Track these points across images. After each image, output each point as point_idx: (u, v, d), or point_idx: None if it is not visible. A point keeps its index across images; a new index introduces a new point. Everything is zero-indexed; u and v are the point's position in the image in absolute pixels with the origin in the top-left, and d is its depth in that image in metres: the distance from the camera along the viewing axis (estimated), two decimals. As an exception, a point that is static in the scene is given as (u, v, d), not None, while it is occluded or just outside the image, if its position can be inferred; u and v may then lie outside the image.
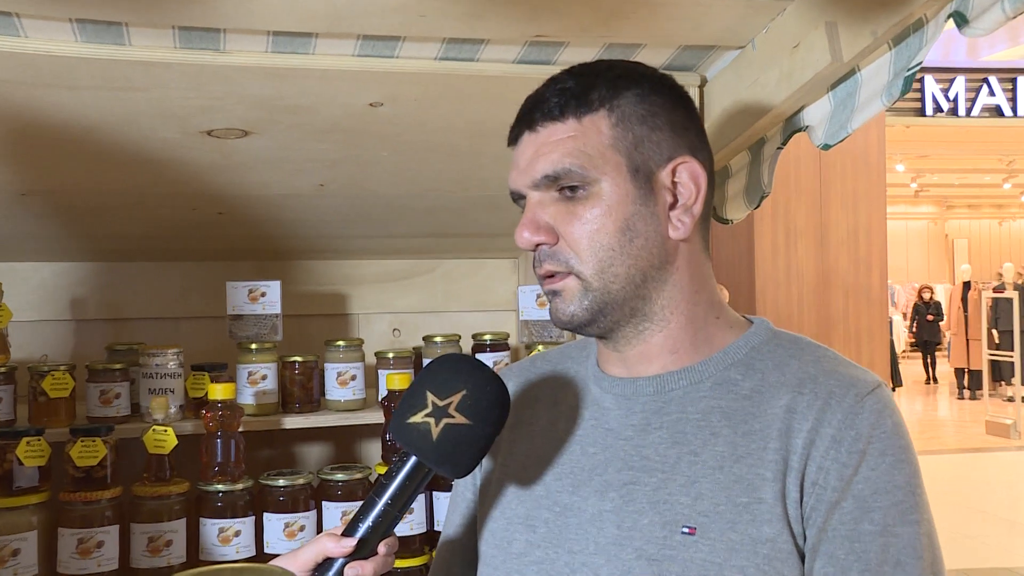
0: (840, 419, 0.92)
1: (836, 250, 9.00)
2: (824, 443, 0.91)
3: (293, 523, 1.74)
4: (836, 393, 0.93)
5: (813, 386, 0.95)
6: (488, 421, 0.96)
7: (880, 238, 9.14)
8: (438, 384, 0.96)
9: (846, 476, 0.90)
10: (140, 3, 1.26)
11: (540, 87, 1.02)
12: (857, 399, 0.93)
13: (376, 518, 0.95)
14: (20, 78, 1.38)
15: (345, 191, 1.92)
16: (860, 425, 0.91)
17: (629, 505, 0.96)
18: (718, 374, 1.00)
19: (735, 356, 1.01)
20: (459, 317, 2.45)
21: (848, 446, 0.91)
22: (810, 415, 0.93)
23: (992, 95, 10.11)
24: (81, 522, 1.64)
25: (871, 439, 0.91)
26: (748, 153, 1.59)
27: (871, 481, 0.90)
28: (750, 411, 0.96)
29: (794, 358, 0.99)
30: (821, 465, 0.91)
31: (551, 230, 0.99)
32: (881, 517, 0.89)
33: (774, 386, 0.97)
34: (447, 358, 1.00)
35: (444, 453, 0.94)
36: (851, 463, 0.90)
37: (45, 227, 1.95)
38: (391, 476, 0.96)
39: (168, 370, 1.87)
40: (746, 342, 1.02)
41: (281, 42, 1.40)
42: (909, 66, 1.19)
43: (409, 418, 0.95)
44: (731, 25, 1.44)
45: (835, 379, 0.95)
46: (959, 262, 18.26)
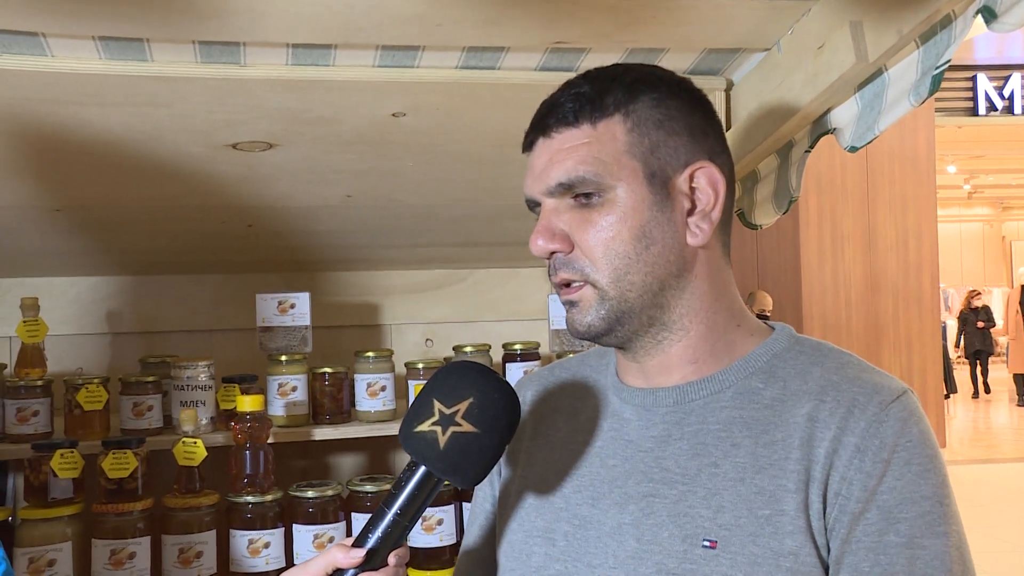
0: (864, 427, 0.89)
1: (884, 255, 8.86)
2: (847, 452, 0.89)
3: (322, 534, 1.74)
4: (859, 401, 0.91)
5: (836, 393, 0.92)
6: (496, 429, 0.95)
7: (931, 241, 8.98)
8: (445, 392, 0.95)
9: (870, 486, 0.87)
10: (159, 19, 1.27)
11: (555, 92, 1.01)
12: (881, 407, 0.90)
13: (386, 528, 0.94)
14: (48, 96, 1.41)
15: (372, 202, 1.92)
16: (884, 434, 0.89)
17: (649, 518, 0.94)
18: (739, 383, 0.97)
19: (756, 364, 0.98)
20: (491, 327, 2.44)
21: (872, 455, 0.88)
22: (832, 423, 0.90)
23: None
24: (114, 533, 1.66)
25: (896, 448, 0.88)
26: (776, 157, 1.56)
27: (896, 491, 0.87)
28: (772, 420, 0.93)
29: (816, 365, 0.97)
30: (844, 475, 0.88)
31: (566, 238, 0.97)
32: (907, 529, 0.86)
33: (796, 394, 0.94)
34: (455, 366, 0.99)
35: (452, 462, 0.93)
36: (875, 472, 0.88)
37: (78, 242, 1.98)
38: (400, 486, 0.95)
39: (199, 382, 1.88)
40: (767, 349, 0.99)
41: (301, 54, 1.40)
42: (937, 64, 1.16)
43: (416, 427, 0.94)
44: (755, 27, 1.41)
45: (858, 386, 0.92)
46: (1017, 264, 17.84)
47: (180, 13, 1.25)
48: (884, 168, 8.28)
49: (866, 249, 8.44)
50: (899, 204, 8.45)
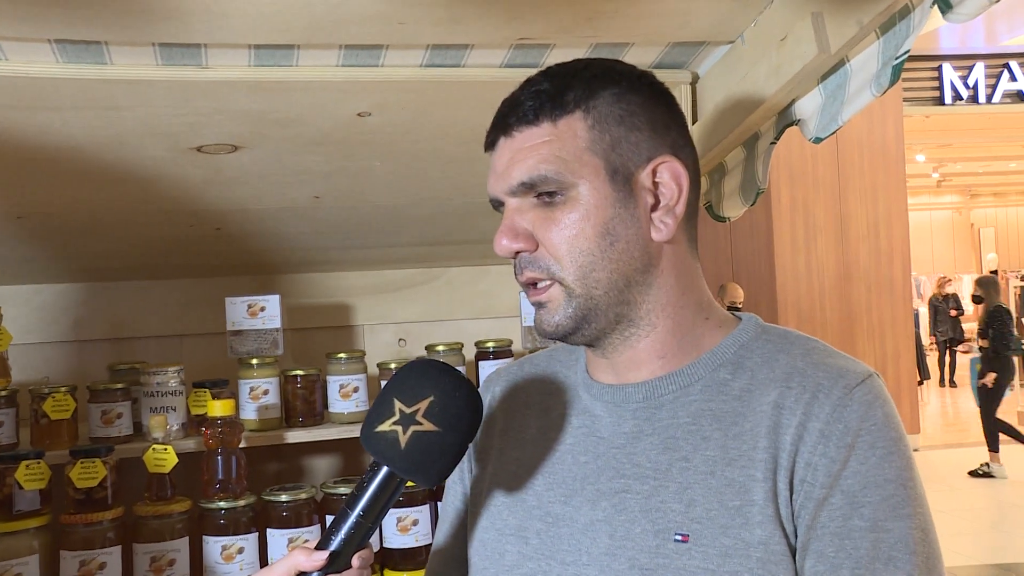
0: (828, 412, 0.89)
1: (856, 244, 8.93)
2: (812, 438, 0.89)
3: (297, 538, 1.73)
4: (824, 385, 0.91)
5: (801, 379, 0.92)
6: (458, 428, 0.94)
7: (902, 230, 9.05)
8: (405, 391, 0.94)
9: (834, 471, 0.87)
10: (117, 21, 1.25)
11: (516, 90, 1.00)
12: (846, 391, 0.90)
13: (349, 530, 0.93)
14: (3, 101, 1.38)
15: (341, 202, 1.91)
16: (848, 418, 0.88)
17: (621, 514, 0.94)
18: (707, 376, 0.97)
19: (724, 356, 0.98)
20: (464, 325, 2.43)
21: (836, 440, 0.88)
22: (798, 410, 0.90)
23: (1014, 80, 9.97)
24: (83, 544, 1.63)
25: (860, 432, 0.88)
26: (743, 149, 1.56)
27: (860, 475, 0.87)
28: (740, 411, 0.93)
29: (783, 352, 0.96)
30: (809, 461, 0.88)
31: (530, 236, 0.96)
32: (871, 512, 0.86)
33: (763, 383, 0.94)
34: (415, 364, 0.98)
35: (413, 461, 0.92)
36: (839, 457, 0.87)
37: (42, 249, 1.96)
38: (363, 487, 0.94)
39: (169, 388, 1.86)
40: (735, 340, 0.99)
41: (263, 55, 1.39)
42: (897, 55, 1.16)
43: (377, 427, 0.93)
44: (719, 20, 1.41)
45: (823, 371, 0.92)
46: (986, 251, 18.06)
47: (137, 15, 1.24)
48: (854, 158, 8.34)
49: (838, 239, 8.51)
50: (870, 194, 8.52)
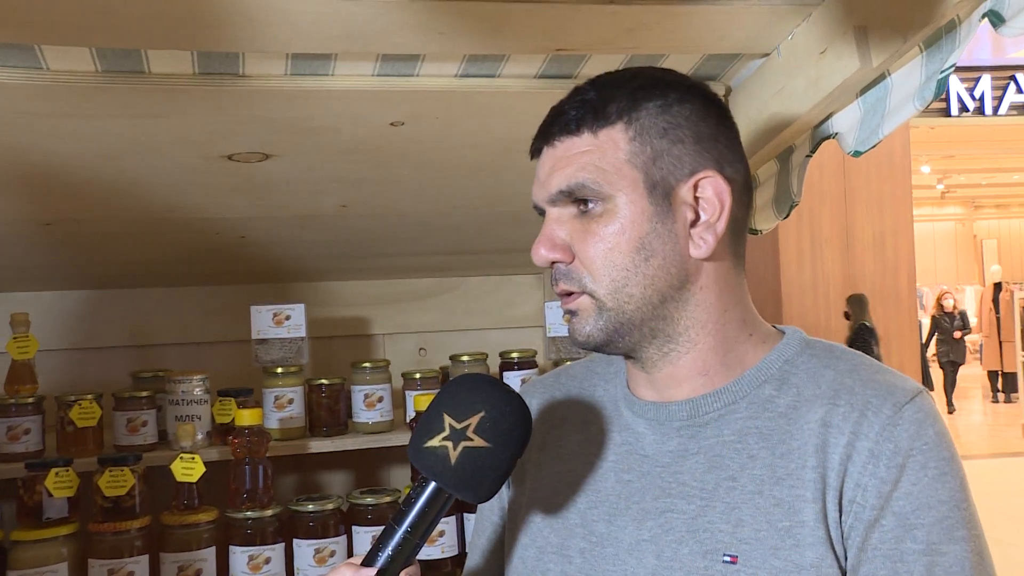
0: (878, 431, 0.88)
1: (863, 255, 8.92)
2: (861, 458, 0.88)
3: (323, 548, 1.72)
4: (873, 403, 0.89)
5: (849, 397, 0.91)
6: (509, 443, 0.93)
7: (907, 241, 9.05)
8: (455, 405, 0.93)
9: (885, 492, 0.86)
10: (158, 29, 1.24)
11: (563, 98, 1.00)
12: (895, 409, 0.89)
13: (396, 547, 0.92)
14: (42, 109, 1.38)
15: (368, 211, 1.90)
16: (899, 437, 0.87)
17: (668, 534, 0.93)
18: (752, 393, 0.96)
19: (768, 372, 0.97)
20: (484, 335, 2.43)
21: (887, 460, 0.87)
22: (846, 428, 0.89)
23: (1020, 92, 10.00)
24: (111, 552, 1.63)
25: (911, 452, 0.87)
26: (776, 162, 1.56)
27: (912, 496, 0.86)
28: (787, 429, 0.92)
29: (829, 368, 0.95)
30: (859, 482, 0.87)
31: (567, 248, 0.96)
32: (925, 535, 0.85)
33: (809, 400, 0.93)
34: (465, 378, 0.97)
35: (464, 478, 0.91)
36: (890, 478, 0.86)
37: (68, 255, 1.95)
38: (411, 503, 0.93)
39: (194, 396, 1.86)
40: (779, 355, 0.98)
41: (300, 64, 1.39)
42: (942, 68, 1.16)
43: (426, 442, 0.92)
44: (755, 33, 1.41)
45: (872, 388, 0.91)
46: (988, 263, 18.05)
47: (178, 21, 1.23)
48: (861, 169, 8.34)
49: (844, 249, 8.51)
50: (876, 204, 8.52)
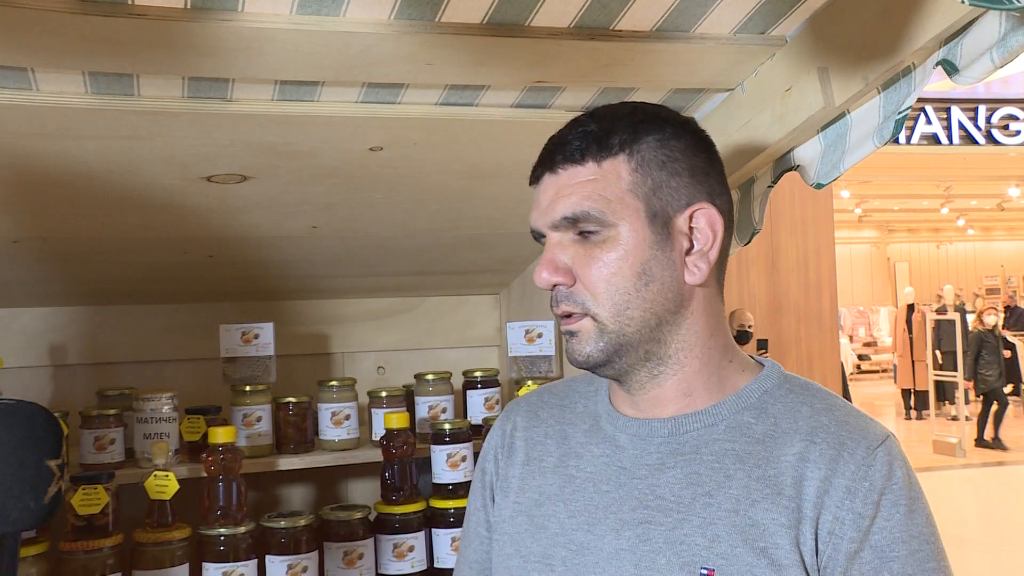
0: (853, 470, 0.94)
1: (787, 276, 9.18)
2: (838, 493, 0.94)
3: (296, 564, 1.74)
4: (848, 444, 0.96)
5: (825, 435, 0.97)
6: None
7: (829, 263, 9.34)
8: None
9: (863, 527, 0.93)
10: (152, 55, 1.27)
11: (563, 128, 1.04)
12: (869, 451, 0.95)
13: None
14: (28, 129, 1.40)
15: (337, 233, 1.94)
16: (873, 476, 0.94)
17: (645, 544, 0.97)
18: (731, 417, 1.02)
19: (748, 400, 1.03)
20: (442, 354, 2.47)
21: (863, 497, 0.93)
22: (822, 464, 0.95)
23: (929, 123, 10.46)
24: (83, 572, 1.62)
25: (884, 491, 0.94)
26: (738, 191, 1.65)
27: (887, 531, 0.93)
28: (763, 456, 0.98)
29: (805, 404, 1.02)
30: (836, 515, 0.93)
31: (569, 271, 1.00)
32: (900, 567, 0.92)
33: (786, 432, 0.99)
34: None
35: None
36: (867, 513, 0.93)
37: (33, 272, 1.94)
38: None
39: (163, 414, 1.86)
40: (759, 386, 1.04)
41: (288, 90, 1.42)
42: (900, 109, 1.26)
43: None
44: (722, 69, 1.49)
45: (846, 430, 0.98)
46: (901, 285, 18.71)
47: (173, 49, 1.26)
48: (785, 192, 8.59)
49: (770, 271, 8.75)
50: (799, 227, 8.79)
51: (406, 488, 1.88)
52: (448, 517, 1.90)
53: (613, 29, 1.34)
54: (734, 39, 1.40)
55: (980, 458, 9.72)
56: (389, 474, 1.88)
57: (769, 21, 1.37)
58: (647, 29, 1.35)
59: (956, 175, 12.37)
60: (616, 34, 1.35)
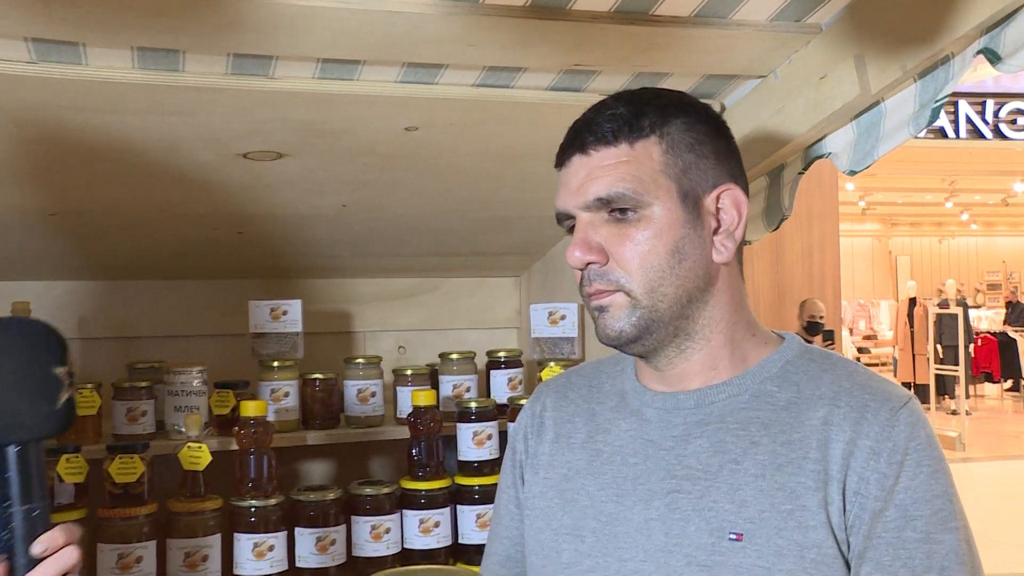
0: (877, 431, 0.97)
1: (791, 267, 9.20)
2: (863, 454, 0.96)
3: (324, 536, 1.78)
4: (871, 406, 0.98)
5: (848, 399, 1.00)
6: None
7: (833, 255, 9.36)
8: None
9: (887, 486, 0.95)
10: (199, 31, 1.29)
11: (589, 112, 1.06)
12: (892, 412, 0.98)
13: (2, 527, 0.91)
14: (73, 103, 1.42)
15: (366, 212, 1.96)
16: (896, 437, 0.96)
17: (675, 513, 1.00)
18: (755, 387, 1.04)
19: (771, 370, 1.05)
20: (461, 334, 2.50)
21: (887, 457, 0.96)
22: (847, 426, 0.98)
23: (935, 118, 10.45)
24: (120, 538, 1.66)
25: (908, 451, 0.96)
26: (766, 178, 1.67)
27: (911, 491, 0.95)
28: (788, 422, 1.00)
29: (827, 372, 1.04)
30: (862, 475, 0.96)
31: (602, 250, 1.02)
32: (923, 525, 0.94)
33: (809, 399, 1.01)
34: None
35: None
36: (891, 473, 0.95)
37: (66, 246, 1.97)
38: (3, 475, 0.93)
39: (193, 388, 1.89)
40: (780, 356, 1.06)
41: (329, 68, 1.44)
42: (936, 98, 1.28)
43: None
44: (757, 56, 1.51)
45: (869, 393, 1.00)
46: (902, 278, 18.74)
47: (221, 27, 1.28)
48: (791, 184, 8.61)
49: (774, 261, 8.77)
50: (805, 219, 8.80)
51: (432, 465, 1.91)
52: (473, 494, 1.93)
53: (652, 14, 1.36)
54: (770, 26, 1.42)
55: (980, 452, 9.77)
56: (416, 451, 1.90)
57: (806, 8, 1.38)
58: (686, 14, 1.37)
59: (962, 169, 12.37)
60: (655, 19, 1.36)
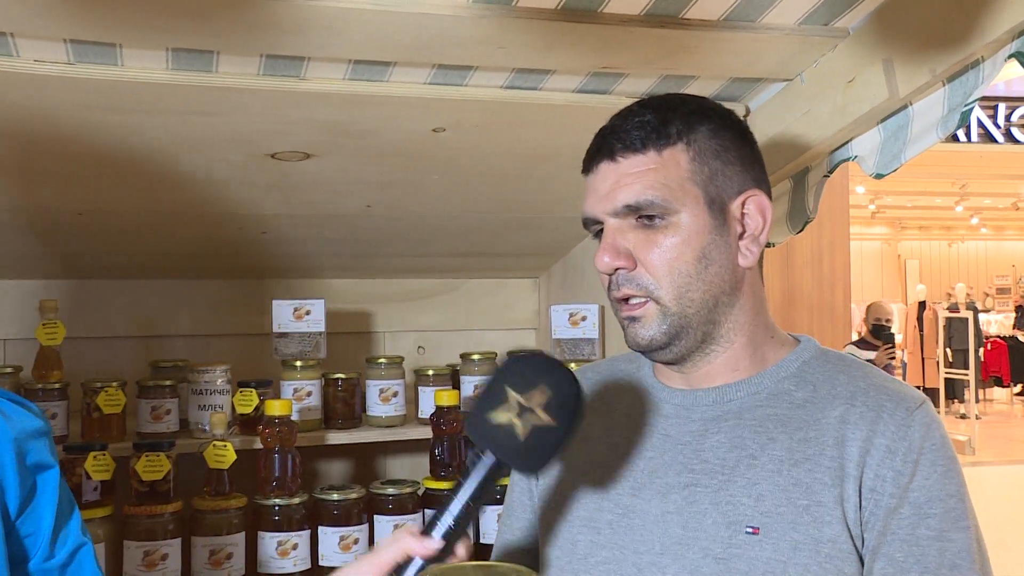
0: (893, 431, 0.98)
1: (801, 270, 9.22)
2: (879, 452, 0.98)
3: (348, 536, 1.79)
4: (887, 407, 1.00)
5: (864, 398, 1.01)
6: (570, 423, 0.97)
7: (843, 258, 9.36)
8: (520, 382, 0.96)
9: (902, 484, 0.97)
10: (234, 32, 1.30)
11: (615, 119, 1.07)
12: (908, 412, 1.00)
13: (456, 518, 0.94)
14: (106, 103, 1.43)
15: (390, 212, 1.97)
16: (912, 437, 0.98)
17: (692, 506, 1.01)
18: (773, 385, 1.06)
19: (788, 370, 1.07)
20: (480, 335, 2.51)
21: (902, 456, 0.97)
22: (863, 425, 0.99)
23: (946, 121, 10.41)
24: (146, 535, 1.67)
25: (923, 450, 0.98)
26: (790, 181, 1.67)
27: (925, 489, 0.97)
28: (804, 419, 1.02)
29: (843, 373, 1.06)
30: (878, 473, 0.97)
31: (630, 255, 1.04)
32: (937, 523, 0.96)
33: (825, 398, 1.03)
34: (526, 356, 1.00)
35: (527, 453, 0.94)
36: (906, 472, 0.97)
37: (91, 245, 1.98)
38: (469, 475, 0.95)
39: (217, 387, 1.90)
40: (797, 356, 1.09)
41: (360, 70, 1.45)
42: (966, 102, 1.29)
43: (491, 416, 0.95)
44: (784, 59, 1.52)
45: (885, 394, 1.02)
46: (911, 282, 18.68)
47: (255, 28, 1.29)
48: (802, 187, 8.60)
49: (784, 264, 8.75)
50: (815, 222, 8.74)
51: (455, 464, 1.92)
52: (495, 494, 1.93)
53: (682, 17, 1.36)
54: (798, 30, 1.42)
55: (990, 456, 9.74)
56: (439, 450, 1.91)
57: (834, 12, 1.39)
58: (715, 18, 1.38)
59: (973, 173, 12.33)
60: (685, 22, 1.37)
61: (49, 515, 1.06)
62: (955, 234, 19.76)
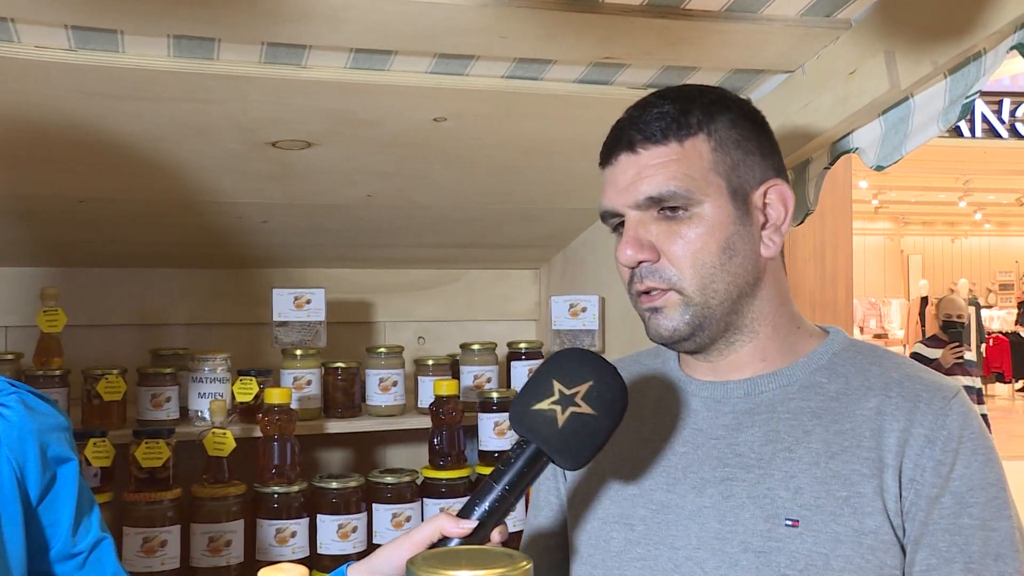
0: (931, 420, 0.98)
1: (803, 265, 9.21)
2: (918, 442, 0.97)
3: (346, 524, 1.79)
4: (924, 396, 1.00)
5: (900, 389, 1.01)
6: (611, 414, 0.97)
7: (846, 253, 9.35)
8: (565, 374, 0.98)
9: (943, 473, 0.96)
10: (237, 20, 1.30)
11: (633, 110, 1.06)
12: (945, 401, 0.99)
13: (493, 503, 0.95)
14: (107, 90, 1.43)
15: (391, 202, 1.97)
16: (951, 426, 0.98)
17: (729, 500, 1.01)
18: (805, 378, 1.06)
19: (819, 361, 1.07)
20: (480, 326, 2.51)
21: (942, 445, 0.97)
22: (900, 416, 0.99)
23: (952, 115, 10.39)
24: (145, 521, 1.68)
25: (962, 439, 0.97)
26: (791, 172, 1.67)
27: (966, 478, 0.96)
28: (839, 411, 1.02)
29: (875, 364, 1.05)
30: (917, 463, 0.97)
31: (653, 248, 1.03)
32: (979, 512, 0.95)
33: (859, 390, 1.03)
34: (573, 351, 1.02)
35: (567, 442, 0.95)
36: (946, 461, 0.96)
37: (89, 233, 1.98)
38: (510, 463, 0.97)
39: (217, 375, 1.91)
40: (827, 348, 1.08)
41: (361, 58, 1.45)
42: (967, 94, 1.28)
43: (534, 405, 0.96)
44: (786, 51, 1.51)
45: (920, 383, 1.01)
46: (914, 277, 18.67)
47: (257, 15, 1.29)
48: (805, 181, 8.59)
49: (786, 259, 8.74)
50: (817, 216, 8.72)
51: (453, 454, 1.93)
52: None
53: (683, 8, 1.36)
54: (800, 21, 1.42)
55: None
56: (437, 440, 1.92)
57: (836, 4, 1.39)
58: (717, 8, 1.37)
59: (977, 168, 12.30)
60: (686, 13, 1.37)
61: (69, 507, 1.08)
62: (958, 230, 19.73)
